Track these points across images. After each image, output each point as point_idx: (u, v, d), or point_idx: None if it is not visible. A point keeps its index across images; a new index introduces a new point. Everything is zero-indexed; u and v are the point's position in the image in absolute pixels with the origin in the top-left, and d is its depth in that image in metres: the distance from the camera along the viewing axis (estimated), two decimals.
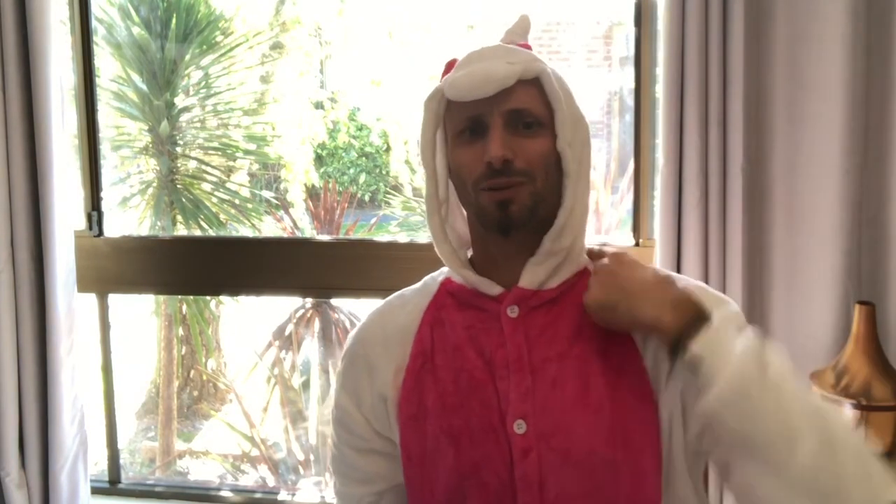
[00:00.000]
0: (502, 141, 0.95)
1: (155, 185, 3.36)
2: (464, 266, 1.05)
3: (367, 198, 4.48)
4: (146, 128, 3.34)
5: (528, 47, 1.06)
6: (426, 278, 1.14)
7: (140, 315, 3.61)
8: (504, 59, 0.98)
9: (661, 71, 1.79)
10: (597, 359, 0.99)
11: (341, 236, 3.64)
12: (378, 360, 1.07)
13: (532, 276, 1.01)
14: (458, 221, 1.11)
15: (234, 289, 2.54)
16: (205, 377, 3.88)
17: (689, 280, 1.07)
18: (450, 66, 1.06)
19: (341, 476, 1.13)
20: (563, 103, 0.99)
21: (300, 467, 3.46)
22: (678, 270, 1.80)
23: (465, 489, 0.99)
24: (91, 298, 2.30)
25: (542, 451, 0.96)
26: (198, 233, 3.34)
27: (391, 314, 1.10)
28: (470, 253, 1.10)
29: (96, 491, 2.31)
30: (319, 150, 4.15)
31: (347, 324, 3.55)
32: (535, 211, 0.98)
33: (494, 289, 1.03)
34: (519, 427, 0.97)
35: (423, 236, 3.93)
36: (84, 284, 2.16)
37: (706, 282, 1.78)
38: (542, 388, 0.98)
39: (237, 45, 3.45)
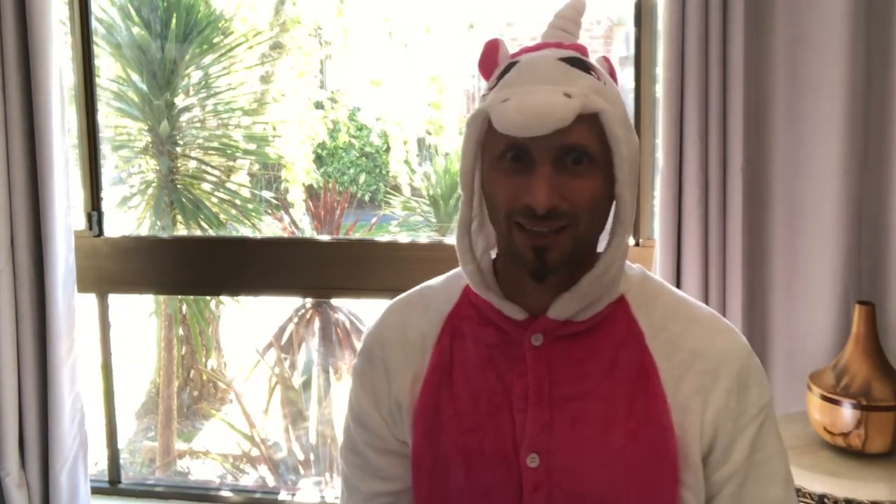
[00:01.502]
0: (550, 186, 0.86)
1: (155, 185, 3.36)
2: (489, 289, 0.98)
3: (367, 198, 4.48)
4: (146, 128, 3.34)
5: (583, 49, 0.96)
6: (451, 275, 1.07)
7: (140, 315, 3.61)
8: (561, 86, 0.87)
9: (661, 71, 1.79)
10: (622, 405, 0.94)
11: (341, 236, 3.65)
12: (397, 364, 1.03)
13: (563, 309, 0.95)
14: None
15: (234, 289, 2.54)
16: (205, 377, 3.88)
17: (708, 309, 1.03)
18: (489, 49, 0.96)
19: (357, 470, 1.08)
20: (623, 144, 0.88)
21: (300, 467, 3.46)
22: (678, 271, 1.79)
23: None
24: (91, 298, 2.30)
25: (553, 490, 0.94)
26: (198, 233, 3.34)
27: (412, 316, 1.05)
28: (494, 253, 1.03)
29: (96, 491, 2.31)
30: (319, 150, 4.15)
31: (347, 324, 3.55)
32: (574, 254, 0.91)
33: (519, 314, 0.97)
34: (532, 461, 0.94)
35: (424, 236, 3.94)
36: (84, 284, 2.16)
37: (706, 282, 1.78)
38: (560, 426, 0.95)
39: (237, 45, 3.45)
